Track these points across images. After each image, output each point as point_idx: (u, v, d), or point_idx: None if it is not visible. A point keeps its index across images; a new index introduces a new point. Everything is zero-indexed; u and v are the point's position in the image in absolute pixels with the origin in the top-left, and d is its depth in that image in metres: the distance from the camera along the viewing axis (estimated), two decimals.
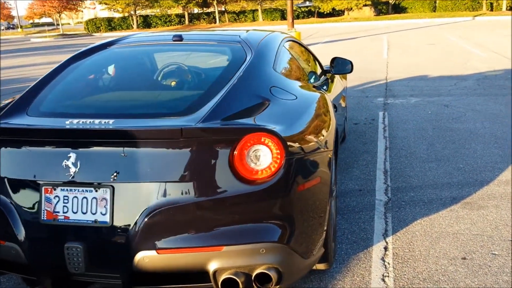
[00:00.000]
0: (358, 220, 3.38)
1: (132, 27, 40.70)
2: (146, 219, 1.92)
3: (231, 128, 2.00)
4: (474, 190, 3.80)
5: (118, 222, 1.95)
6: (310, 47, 4.37)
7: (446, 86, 8.35)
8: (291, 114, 2.31)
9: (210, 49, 3.01)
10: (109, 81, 2.79)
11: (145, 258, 1.94)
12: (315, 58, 4.12)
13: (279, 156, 1.97)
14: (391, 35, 20.43)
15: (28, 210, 2.04)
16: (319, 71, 3.96)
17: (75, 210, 1.98)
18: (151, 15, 42.88)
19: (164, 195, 1.93)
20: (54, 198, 2.00)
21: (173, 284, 2.04)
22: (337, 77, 4.52)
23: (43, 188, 2.01)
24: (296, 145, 2.12)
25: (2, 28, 64.33)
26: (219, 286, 1.99)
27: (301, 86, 2.78)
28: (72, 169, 1.96)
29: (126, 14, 41.66)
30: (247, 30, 3.21)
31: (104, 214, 1.96)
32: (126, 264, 1.96)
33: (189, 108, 2.18)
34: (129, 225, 1.94)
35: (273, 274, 1.99)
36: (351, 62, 3.98)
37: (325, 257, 2.50)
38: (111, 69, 2.95)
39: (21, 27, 58.03)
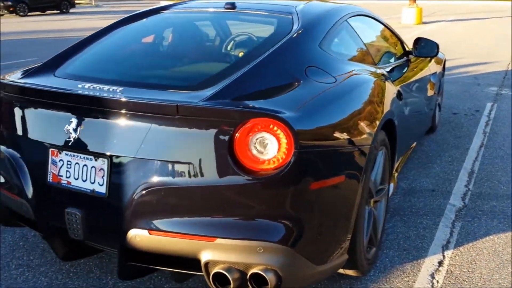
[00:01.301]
0: (418, 225, 2.97)
1: None
2: (139, 197, 1.79)
3: (235, 111, 1.75)
4: None
5: (114, 195, 1.84)
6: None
7: None
8: (320, 99, 1.99)
9: (259, 19, 2.74)
10: (146, 47, 2.68)
11: (137, 236, 1.82)
12: (398, 38, 3.65)
13: (287, 147, 1.70)
14: None
15: (37, 170, 2.02)
16: (399, 52, 3.50)
17: (76, 176, 1.92)
18: None
19: (159, 174, 1.77)
20: (59, 161, 1.95)
21: (167, 267, 1.91)
22: (432, 61, 3.99)
23: (50, 150, 1.97)
24: (315, 136, 1.83)
25: None
26: (211, 279, 1.81)
27: (352, 69, 2.41)
28: (73, 135, 1.88)
29: None
30: (309, 0, 2.88)
31: (101, 185, 1.86)
32: (121, 239, 1.86)
33: (204, 82, 1.97)
34: (124, 200, 1.82)
35: (270, 277, 1.76)
36: (437, 44, 3.45)
37: (353, 264, 2.20)
38: (168, 35, 2.84)
39: None
